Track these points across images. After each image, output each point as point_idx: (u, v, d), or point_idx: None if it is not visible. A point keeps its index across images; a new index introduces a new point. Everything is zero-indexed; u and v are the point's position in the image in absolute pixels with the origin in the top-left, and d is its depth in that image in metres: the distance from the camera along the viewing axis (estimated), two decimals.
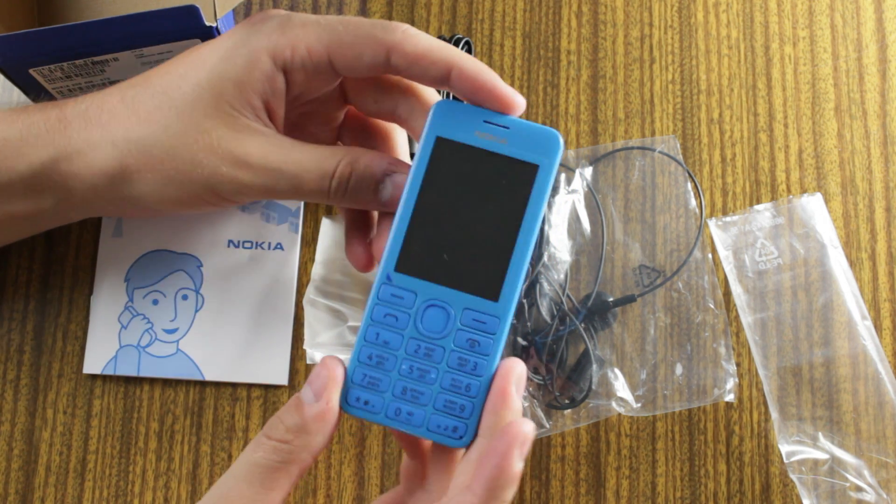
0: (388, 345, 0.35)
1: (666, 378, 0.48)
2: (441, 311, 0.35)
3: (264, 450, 0.34)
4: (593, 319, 0.48)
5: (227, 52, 0.37)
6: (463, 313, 0.35)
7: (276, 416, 0.34)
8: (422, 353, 0.35)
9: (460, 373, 0.35)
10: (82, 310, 0.49)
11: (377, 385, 0.35)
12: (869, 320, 0.49)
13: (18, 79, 0.48)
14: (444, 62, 0.35)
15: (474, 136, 0.35)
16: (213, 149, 0.36)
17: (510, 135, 0.35)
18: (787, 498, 0.48)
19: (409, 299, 0.35)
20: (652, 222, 0.51)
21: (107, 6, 0.53)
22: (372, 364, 0.35)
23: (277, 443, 0.34)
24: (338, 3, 0.55)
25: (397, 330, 0.35)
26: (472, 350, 0.35)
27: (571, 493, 0.48)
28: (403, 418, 0.35)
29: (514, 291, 0.35)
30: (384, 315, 0.35)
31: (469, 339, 0.35)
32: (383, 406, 0.35)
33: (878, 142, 0.53)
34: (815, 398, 0.48)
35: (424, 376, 0.35)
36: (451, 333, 0.35)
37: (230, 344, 0.49)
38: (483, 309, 0.35)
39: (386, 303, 0.35)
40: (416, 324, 0.35)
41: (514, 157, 0.35)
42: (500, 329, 0.35)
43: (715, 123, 0.53)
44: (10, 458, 0.48)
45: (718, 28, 0.55)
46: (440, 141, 0.36)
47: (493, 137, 0.35)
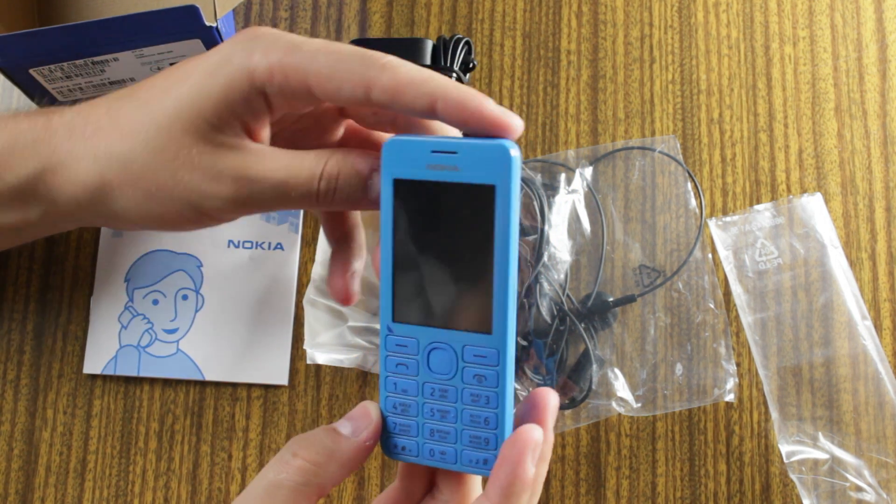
0: (406, 392, 0.36)
1: (666, 378, 0.48)
2: (445, 353, 0.35)
3: (288, 470, 0.33)
4: (593, 319, 0.48)
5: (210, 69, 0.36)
6: (464, 350, 0.35)
7: (303, 437, 0.34)
8: (437, 395, 0.36)
9: (476, 407, 0.35)
10: (82, 310, 0.49)
11: (409, 430, 0.36)
12: (869, 320, 0.49)
13: (18, 79, 0.48)
14: (427, 95, 0.34)
15: (426, 170, 0.34)
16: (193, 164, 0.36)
17: (460, 160, 0.34)
18: (787, 498, 0.48)
19: (413, 346, 0.35)
20: (652, 222, 0.51)
21: (107, 6, 0.53)
22: (398, 412, 0.36)
23: (305, 462, 0.33)
24: (338, 3, 0.55)
25: (410, 377, 0.36)
26: (480, 385, 0.35)
27: (571, 493, 0.48)
28: (438, 458, 0.36)
29: (506, 319, 0.34)
30: (396, 365, 0.36)
31: (475, 374, 0.35)
32: (419, 449, 0.36)
33: (878, 142, 0.53)
34: (815, 398, 0.48)
35: (446, 416, 0.35)
36: (458, 372, 0.35)
37: (230, 344, 0.49)
38: (480, 343, 0.35)
39: (394, 353, 0.36)
40: (425, 368, 0.35)
41: (469, 183, 0.34)
42: (501, 360, 0.34)
43: (715, 123, 0.53)
44: (10, 458, 0.48)
45: (718, 28, 0.55)
46: (397, 183, 0.34)
47: (444, 167, 0.34)
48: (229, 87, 0.35)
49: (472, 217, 0.34)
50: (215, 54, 0.37)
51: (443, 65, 0.51)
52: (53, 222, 0.40)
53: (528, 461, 0.32)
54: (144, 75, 0.50)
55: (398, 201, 0.35)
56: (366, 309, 0.49)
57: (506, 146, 0.33)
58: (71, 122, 0.38)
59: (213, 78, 0.36)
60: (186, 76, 0.36)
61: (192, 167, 0.36)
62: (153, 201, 0.37)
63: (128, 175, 0.36)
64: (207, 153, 0.36)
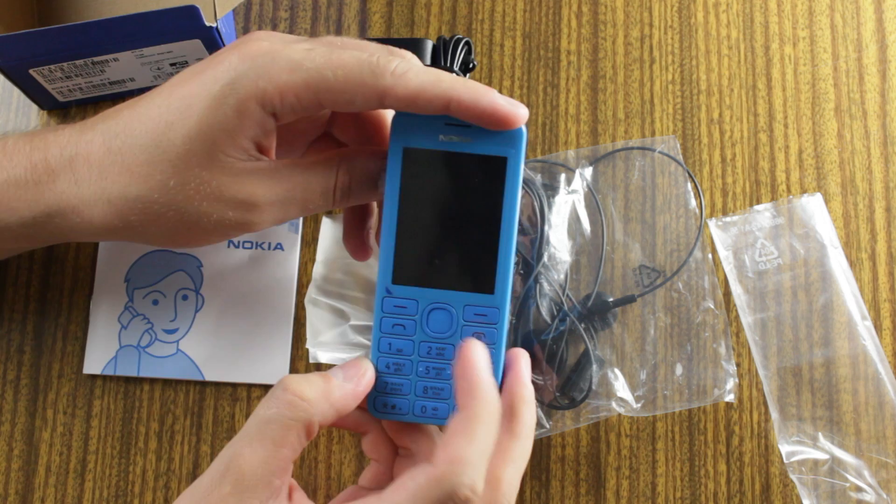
0: (401, 352, 0.38)
1: (666, 378, 0.48)
2: (444, 313, 0.37)
3: (279, 404, 0.34)
4: (593, 319, 0.48)
5: (214, 100, 0.35)
6: (464, 310, 0.37)
7: (298, 376, 0.35)
8: (434, 353, 0.38)
9: None
10: (82, 310, 0.49)
11: (400, 389, 0.38)
12: (869, 320, 0.49)
13: (18, 79, 0.48)
14: (440, 98, 0.35)
15: (439, 140, 0.36)
16: (217, 197, 0.36)
17: (473, 131, 0.36)
18: (787, 498, 0.48)
19: (412, 307, 0.37)
20: (652, 222, 0.51)
21: (107, 6, 0.53)
22: (391, 372, 0.38)
23: (295, 397, 0.34)
24: (338, 3, 0.55)
25: (407, 337, 0.38)
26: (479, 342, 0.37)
27: (571, 493, 0.48)
28: (430, 414, 0.38)
29: (507, 280, 0.37)
30: (392, 325, 0.38)
31: (475, 332, 0.37)
32: (410, 407, 0.38)
33: (878, 142, 0.53)
34: (815, 398, 0.48)
35: (441, 374, 0.38)
36: (457, 331, 0.37)
37: (230, 344, 0.49)
38: (482, 303, 0.37)
39: (391, 314, 0.37)
40: (424, 328, 0.37)
41: (482, 154, 0.36)
42: (500, 318, 0.37)
43: (715, 123, 0.53)
44: (10, 458, 0.48)
45: (718, 28, 0.55)
46: (407, 151, 0.36)
47: (457, 138, 0.36)
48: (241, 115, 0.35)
49: (482, 185, 0.36)
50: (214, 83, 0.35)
51: (443, 65, 0.51)
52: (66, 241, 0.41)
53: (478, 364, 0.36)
54: (144, 75, 0.50)
55: (406, 169, 0.36)
56: (367, 308, 0.49)
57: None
58: (70, 162, 0.37)
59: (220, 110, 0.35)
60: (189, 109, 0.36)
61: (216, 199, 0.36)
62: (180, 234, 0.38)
63: (150, 215, 0.37)
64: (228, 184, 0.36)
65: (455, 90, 0.35)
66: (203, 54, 0.49)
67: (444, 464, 0.33)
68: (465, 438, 0.34)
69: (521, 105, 0.35)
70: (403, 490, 0.33)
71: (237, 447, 0.34)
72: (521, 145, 0.36)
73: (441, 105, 0.35)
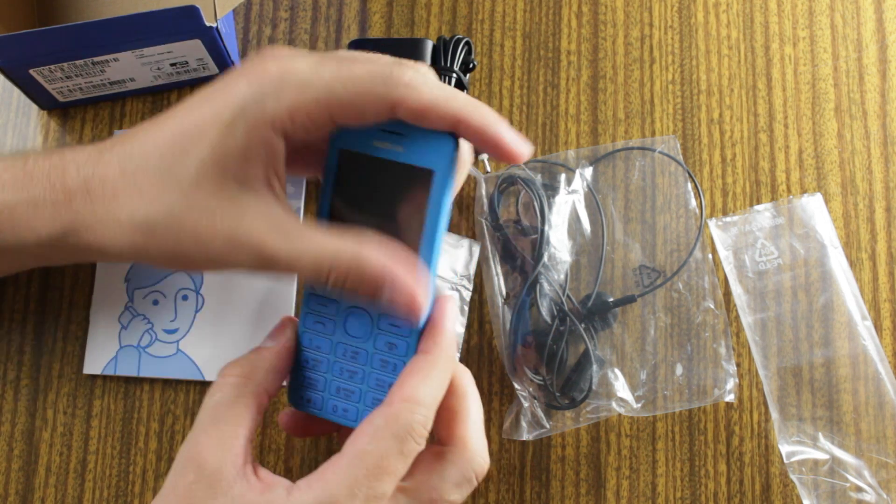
0: (320, 349, 0.38)
1: (666, 378, 0.48)
2: (362, 318, 0.37)
3: (221, 388, 0.36)
4: (593, 319, 0.48)
5: (226, 125, 0.36)
6: (380, 318, 0.37)
7: (230, 361, 0.37)
8: (349, 356, 0.38)
9: (383, 373, 0.37)
10: (82, 310, 0.49)
11: (316, 385, 0.38)
12: (869, 320, 0.49)
13: (18, 79, 0.48)
14: (450, 116, 0.35)
15: (373, 146, 0.36)
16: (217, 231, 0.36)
17: (406, 141, 0.36)
18: (787, 498, 0.48)
19: (332, 307, 0.38)
20: (652, 222, 0.51)
21: (107, 6, 0.53)
22: (309, 367, 0.38)
23: (235, 377, 0.36)
24: (338, 3, 0.55)
25: (326, 335, 0.38)
26: (390, 352, 0.37)
27: (571, 493, 0.48)
28: (340, 414, 0.38)
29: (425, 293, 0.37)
30: (314, 322, 0.38)
31: (388, 342, 0.37)
32: (323, 404, 0.38)
33: (878, 142, 0.53)
34: (815, 398, 0.48)
35: (353, 377, 0.38)
36: (371, 337, 0.37)
37: (230, 344, 0.49)
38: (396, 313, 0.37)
39: (313, 311, 0.38)
40: (341, 329, 0.38)
41: (410, 164, 0.36)
42: (412, 332, 0.36)
43: (715, 123, 0.53)
44: (10, 458, 0.48)
45: (718, 28, 0.55)
46: (342, 153, 0.37)
47: (390, 146, 0.36)
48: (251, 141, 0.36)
49: (407, 196, 0.36)
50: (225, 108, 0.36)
51: (443, 65, 0.51)
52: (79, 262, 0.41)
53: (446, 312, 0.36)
54: (144, 75, 0.50)
55: (340, 170, 0.37)
56: None
57: (451, 139, 0.35)
58: (86, 183, 0.38)
59: (232, 135, 0.36)
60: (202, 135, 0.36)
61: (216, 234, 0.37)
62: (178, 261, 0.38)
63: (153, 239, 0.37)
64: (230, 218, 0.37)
65: (467, 111, 0.35)
66: (203, 54, 0.49)
67: (400, 402, 0.34)
68: (420, 380, 0.35)
69: (526, 143, 0.36)
70: (363, 435, 0.34)
71: (193, 440, 0.35)
72: (449, 160, 0.35)
73: (450, 122, 0.35)
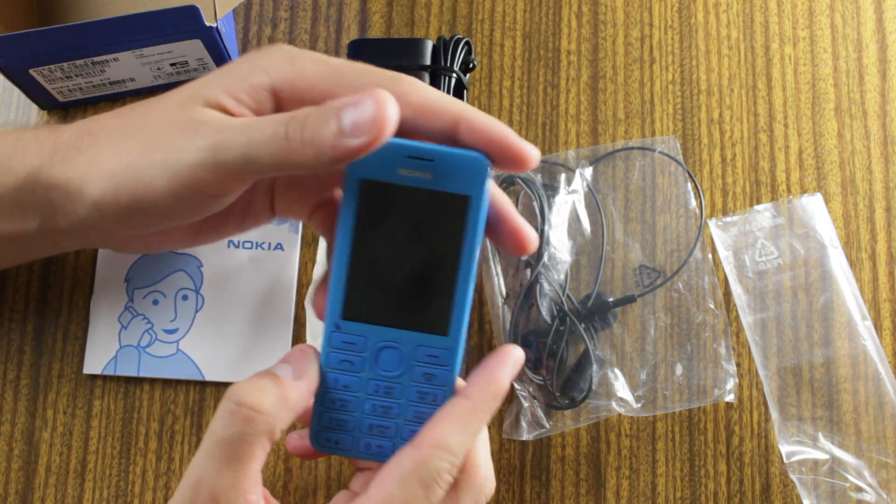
0: (348, 388, 0.36)
1: (666, 378, 0.48)
2: (395, 352, 0.36)
3: (237, 422, 0.33)
4: (593, 319, 0.48)
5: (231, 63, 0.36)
6: (416, 350, 0.36)
7: (245, 384, 0.34)
8: (382, 392, 0.36)
9: (422, 404, 0.36)
10: (82, 310, 0.49)
11: (345, 425, 0.36)
12: (869, 320, 0.49)
13: (18, 79, 0.48)
14: (451, 114, 0.34)
15: (398, 174, 0.34)
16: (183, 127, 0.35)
17: (435, 167, 0.34)
18: (787, 498, 0.48)
19: (361, 343, 0.36)
20: (652, 222, 0.51)
21: (107, 6, 0.53)
22: (336, 408, 0.36)
23: (252, 412, 0.33)
24: (338, 3, 0.55)
25: (354, 373, 0.36)
26: (429, 383, 0.36)
27: (571, 493, 0.48)
28: (374, 451, 0.36)
29: (462, 323, 0.35)
30: (339, 361, 0.36)
31: (425, 373, 0.36)
32: (354, 443, 0.36)
33: (878, 142, 0.53)
34: (815, 398, 0.48)
35: (388, 412, 0.36)
36: (407, 371, 0.36)
37: (230, 344, 0.49)
38: (434, 344, 0.35)
39: (339, 349, 0.36)
40: (372, 366, 0.36)
41: (443, 191, 0.34)
42: (453, 360, 0.35)
43: (715, 123, 0.53)
44: (10, 458, 0.48)
45: (718, 28, 0.55)
46: (364, 183, 0.34)
47: (419, 173, 0.34)
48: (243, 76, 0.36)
49: (441, 224, 0.34)
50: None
51: (443, 65, 0.51)
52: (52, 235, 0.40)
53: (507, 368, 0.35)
54: (144, 75, 0.50)
55: (362, 201, 0.35)
56: None
57: (484, 159, 0.34)
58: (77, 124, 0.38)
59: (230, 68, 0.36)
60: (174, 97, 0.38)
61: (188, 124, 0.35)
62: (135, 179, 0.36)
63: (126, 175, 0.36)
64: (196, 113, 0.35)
65: (469, 111, 0.34)
66: (203, 54, 0.49)
67: (431, 447, 0.33)
68: (457, 427, 0.34)
69: (535, 148, 0.34)
70: (390, 479, 0.33)
71: (202, 472, 0.33)
72: (483, 183, 0.34)
73: (451, 120, 0.34)
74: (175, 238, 0.42)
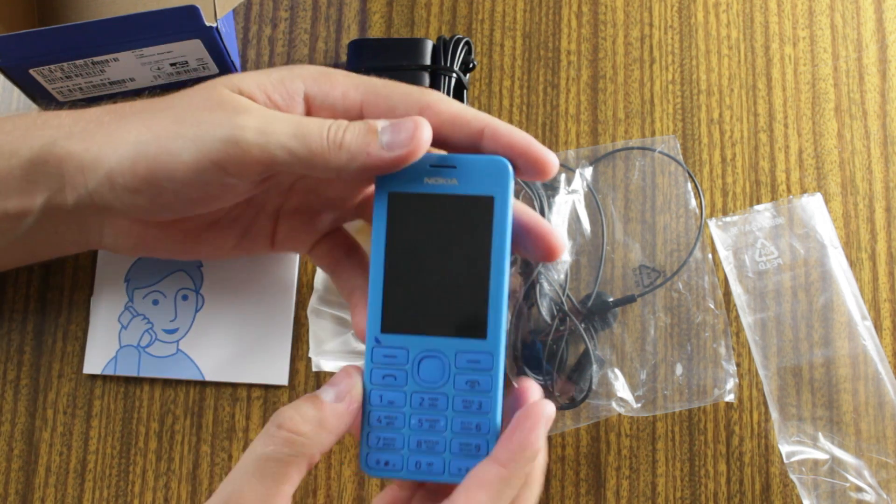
0: (393, 404, 0.36)
1: (666, 378, 0.48)
2: (436, 361, 0.36)
3: (276, 442, 0.33)
4: (593, 319, 0.48)
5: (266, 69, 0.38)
6: (456, 357, 0.36)
7: (288, 408, 0.34)
8: (427, 405, 0.36)
9: (468, 414, 0.36)
10: (82, 310, 0.49)
11: (393, 444, 0.36)
12: (869, 320, 0.49)
13: (18, 79, 0.48)
14: (478, 122, 0.36)
15: (424, 184, 0.35)
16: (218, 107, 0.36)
17: (459, 173, 0.35)
18: (787, 498, 0.48)
19: (402, 356, 0.36)
20: (652, 222, 0.51)
21: (107, 6, 0.53)
22: (382, 426, 0.36)
23: (291, 434, 0.34)
24: (338, 3, 0.55)
25: (398, 388, 0.36)
26: (473, 390, 0.35)
27: (571, 493, 0.48)
28: (425, 469, 0.36)
29: (500, 324, 0.35)
30: (382, 377, 0.36)
31: (468, 380, 0.35)
32: (403, 463, 0.36)
33: (878, 142, 0.53)
34: (815, 398, 0.48)
35: (435, 426, 0.36)
36: (450, 379, 0.36)
37: (230, 344, 0.49)
38: (475, 349, 0.35)
39: (381, 365, 0.36)
40: (415, 378, 0.36)
41: (468, 195, 0.35)
42: (495, 364, 0.35)
43: (715, 123, 0.53)
44: (10, 458, 0.48)
45: (718, 28, 0.55)
46: (393, 196, 0.36)
47: (444, 180, 0.35)
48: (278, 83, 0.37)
49: (470, 227, 0.35)
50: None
51: (443, 65, 0.51)
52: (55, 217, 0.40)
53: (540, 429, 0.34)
54: (144, 75, 0.50)
55: (393, 214, 0.36)
56: None
57: (504, 160, 0.35)
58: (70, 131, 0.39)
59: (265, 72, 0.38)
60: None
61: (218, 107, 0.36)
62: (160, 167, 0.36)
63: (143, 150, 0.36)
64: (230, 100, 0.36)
65: (494, 121, 0.36)
66: (203, 54, 0.49)
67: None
68: (489, 494, 0.33)
69: (554, 156, 0.36)
70: None
71: (236, 485, 0.33)
72: (507, 183, 0.35)
73: (478, 127, 0.35)
74: (171, 241, 0.42)
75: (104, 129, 0.38)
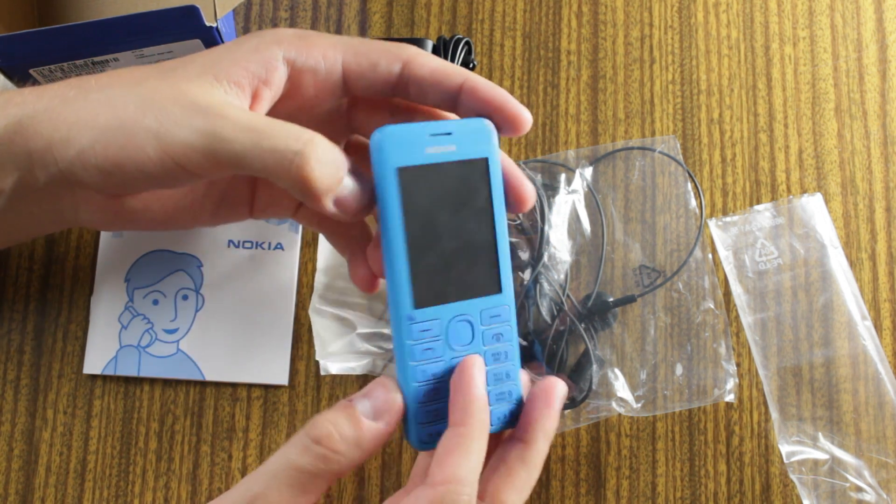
0: (436, 377, 0.36)
1: (666, 378, 0.48)
2: (464, 324, 0.37)
3: (312, 456, 0.33)
4: (593, 319, 0.48)
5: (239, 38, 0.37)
6: (481, 315, 0.37)
7: (326, 422, 0.34)
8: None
9: (497, 365, 0.37)
10: (82, 310, 0.49)
11: (441, 413, 0.36)
12: (869, 320, 0.49)
13: (18, 79, 0.48)
14: (456, 77, 0.36)
15: (427, 154, 0.36)
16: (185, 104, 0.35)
17: (455, 139, 0.36)
18: (787, 498, 0.48)
19: (437, 327, 0.36)
20: (652, 222, 0.51)
21: (107, 6, 0.53)
22: (429, 399, 0.36)
23: (328, 451, 0.34)
24: (338, 3, 0.55)
25: (438, 360, 0.36)
26: (499, 342, 0.37)
27: (571, 493, 0.48)
28: None
29: (509, 276, 0.37)
30: (423, 351, 0.36)
31: (494, 334, 0.37)
32: None
33: (878, 142, 0.53)
34: (815, 398, 0.48)
35: None
36: (479, 337, 0.37)
37: (230, 344, 0.49)
38: (494, 303, 0.37)
39: (419, 340, 0.36)
40: (447, 346, 0.36)
41: (467, 159, 0.36)
42: (511, 315, 0.37)
43: (715, 123, 0.53)
44: (10, 458, 0.48)
45: (718, 28, 0.55)
46: (401, 171, 0.35)
47: (443, 148, 0.36)
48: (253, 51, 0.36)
49: (472, 189, 0.37)
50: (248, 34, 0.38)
51: None
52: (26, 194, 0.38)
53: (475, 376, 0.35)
54: None
55: (403, 189, 0.35)
56: (372, 314, 0.49)
57: (488, 121, 0.37)
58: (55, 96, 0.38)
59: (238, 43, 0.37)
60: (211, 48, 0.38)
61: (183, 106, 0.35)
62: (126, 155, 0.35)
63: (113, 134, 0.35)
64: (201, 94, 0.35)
65: (473, 75, 0.36)
66: None
67: (443, 483, 0.33)
68: (460, 457, 0.33)
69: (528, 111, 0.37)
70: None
71: (262, 490, 0.33)
72: (493, 141, 0.37)
73: (457, 82, 0.36)
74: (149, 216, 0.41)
75: (70, 107, 0.36)
